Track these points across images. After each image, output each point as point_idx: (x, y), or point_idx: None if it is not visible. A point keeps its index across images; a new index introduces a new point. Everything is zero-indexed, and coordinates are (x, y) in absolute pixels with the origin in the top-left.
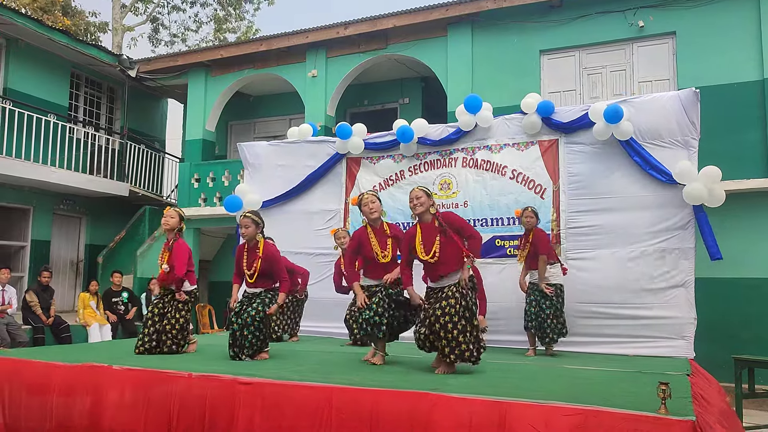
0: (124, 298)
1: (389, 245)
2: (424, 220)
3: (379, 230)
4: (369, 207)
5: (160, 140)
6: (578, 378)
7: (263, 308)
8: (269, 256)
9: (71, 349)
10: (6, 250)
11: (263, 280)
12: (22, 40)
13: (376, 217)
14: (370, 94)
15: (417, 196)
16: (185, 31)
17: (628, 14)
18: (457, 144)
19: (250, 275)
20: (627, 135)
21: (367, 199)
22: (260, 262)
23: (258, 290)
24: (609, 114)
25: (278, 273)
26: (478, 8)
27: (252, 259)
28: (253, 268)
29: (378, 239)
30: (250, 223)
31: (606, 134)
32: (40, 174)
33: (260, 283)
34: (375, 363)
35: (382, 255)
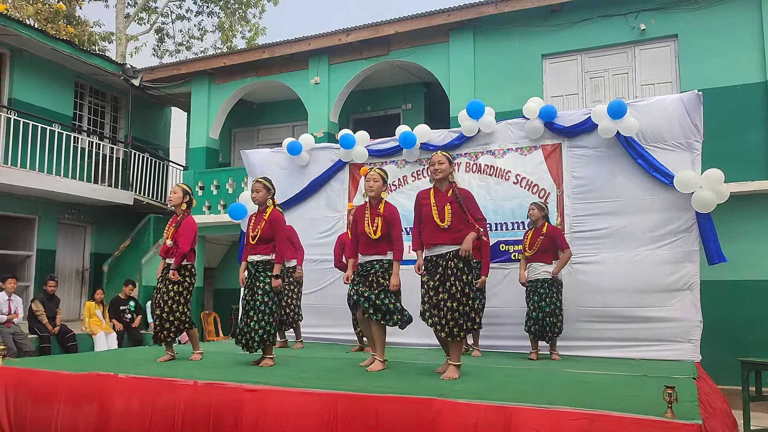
0: (131, 307)
1: (378, 222)
2: (440, 186)
3: (374, 208)
4: (369, 184)
5: (164, 148)
6: (583, 382)
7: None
8: (273, 220)
9: (77, 358)
10: (12, 260)
11: (263, 244)
12: (26, 51)
13: (372, 195)
14: (373, 100)
15: (439, 161)
16: (189, 39)
17: (629, 17)
18: (460, 149)
19: (252, 237)
20: (632, 130)
21: (369, 176)
22: (264, 224)
23: (257, 257)
24: (612, 110)
25: (278, 241)
26: (479, 13)
27: (258, 222)
28: (257, 230)
29: (371, 216)
30: (261, 187)
31: (611, 131)
32: (45, 183)
33: (260, 248)
34: (374, 369)
35: (372, 231)
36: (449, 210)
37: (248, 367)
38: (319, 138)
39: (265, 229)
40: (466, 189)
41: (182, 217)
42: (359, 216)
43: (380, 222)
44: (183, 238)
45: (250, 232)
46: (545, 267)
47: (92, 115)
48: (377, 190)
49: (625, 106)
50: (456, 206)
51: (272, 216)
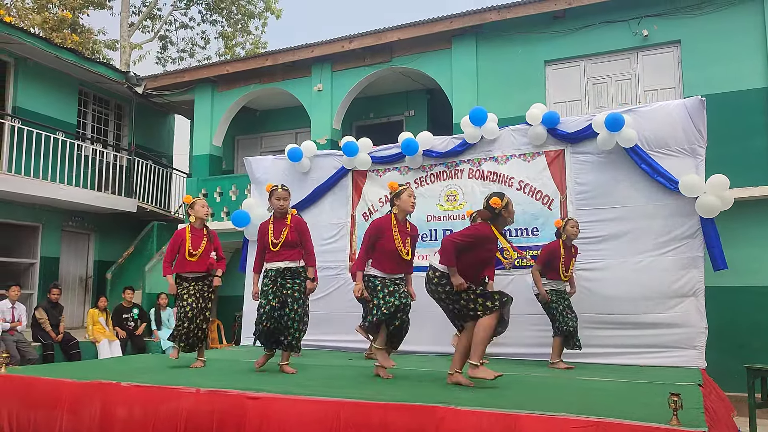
0: (134, 314)
1: (408, 243)
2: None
3: (402, 225)
4: (412, 200)
5: (167, 156)
6: (588, 389)
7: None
8: (299, 225)
9: (80, 366)
10: (16, 268)
11: (289, 250)
12: (30, 59)
13: (410, 212)
14: (376, 106)
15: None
16: (193, 47)
17: (632, 23)
18: (463, 155)
19: (275, 243)
20: (631, 142)
21: (411, 192)
22: (288, 230)
23: (283, 264)
24: (609, 122)
25: (307, 244)
26: (481, 20)
27: (280, 229)
28: (281, 236)
29: (401, 235)
30: (287, 195)
31: (610, 143)
32: (49, 191)
33: (285, 254)
34: (380, 375)
35: (404, 251)
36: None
37: (251, 375)
38: (322, 145)
39: (292, 234)
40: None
41: (208, 230)
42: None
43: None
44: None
45: (272, 239)
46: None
47: (96, 123)
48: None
49: (622, 119)
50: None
51: (296, 221)
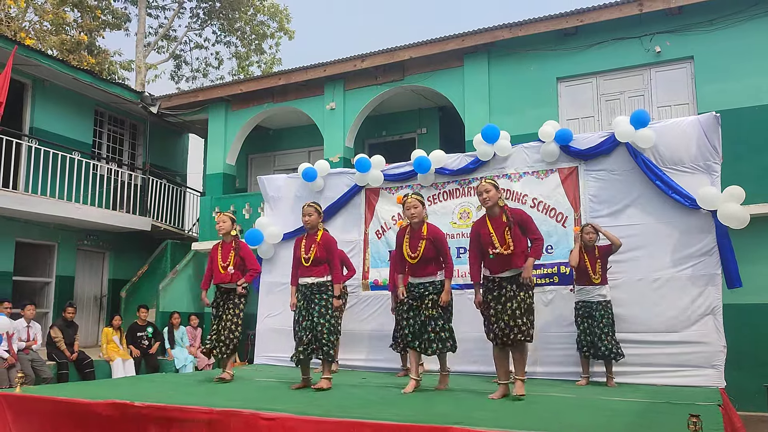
0: (149, 333)
1: (420, 246)
2: (492, 213)
3: (417, 232)
4: (411, 212)
5: (181, 175)
6: (605, 409)
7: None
8: (328, 242)
9: (95, 385)
10: (31, 286)
11: (317, 266)
12: (47, 81)
13: (416, 222)
14: (388, 124)
15: (486, 190)
16: (207, 67)
17: (644, 40)
18: (476, 173)
19: (306, 259)
20: (649, 142)
21: (409, 203)
22: (317, 247)
23: (311, 280)
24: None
25: (334, 261)
26: (493, 38)
27: (310, 245)
28: (310, 252)
29: (410, 240)
30: (313, 211)
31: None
32: (65, 210)
33: (314, 270)
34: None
35: (410, 255)
36: (510, 236)
37: (264, 394)
38: (335, 163)
39: (320, 251)
40: (517, 208)
41: (236, 242)
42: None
43: (424, 245)
44: (253, 259)
45: (303, 254)
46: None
47: (111, 143)
48: (420, 216)
49: (648, 116)
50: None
51: (325, 238)
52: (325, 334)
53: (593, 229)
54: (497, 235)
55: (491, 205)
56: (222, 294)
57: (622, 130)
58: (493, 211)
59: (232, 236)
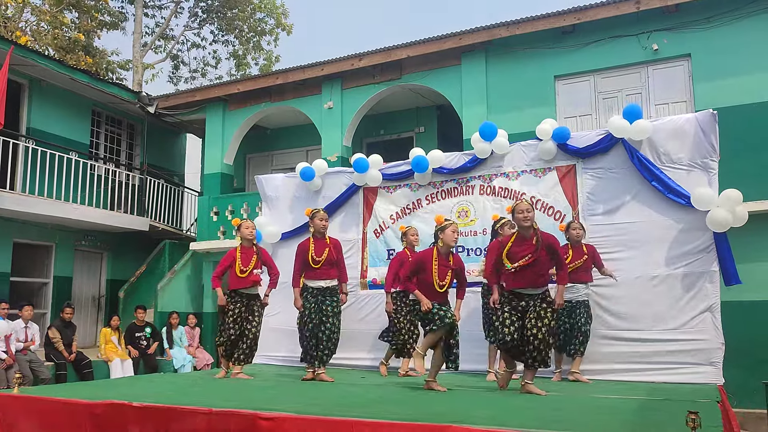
0: (147, 333)
1: (448, 276)
2: (523, 232)
3: (445, 260)
4: (455, 236)
5: (179, 175)
6: (604, 407)
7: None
8: (337, 246)
9: (93, 386)
10: (29, 287)
11: (328, 268)
12: (44, 81)
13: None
14: (386, 123)
15: (527, 210)
16: (204, 67)
17: (641, 38)
18: (474, 171)
19: (318, 261)
20: (645, 134)
21: (455, 227)
22: (329, 249)
23: (324, 283)
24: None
25: (342, 264)
26: (491, 36)
27: (322, 248)
28: (323, 255)
29: (439, 267)
30: (327, 217)
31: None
32: (62, 211)
33: (324, 272)
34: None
35: (439, 285)
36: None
37: (263, 393)
38: (333, 162)
39: (331, 253)
40: (550, 235)
41: (257, 247)
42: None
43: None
44: (274, 264)
45: (315, 257)
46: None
47: (108, 143)
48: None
49: (640, 110)
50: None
51: (334, 241)
52: (335, 333)
53: (579, 225)
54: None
55: (528, 225)
56: (242, 299)
57: (617, 126)
58: (525, 232)
59: (253, 243)
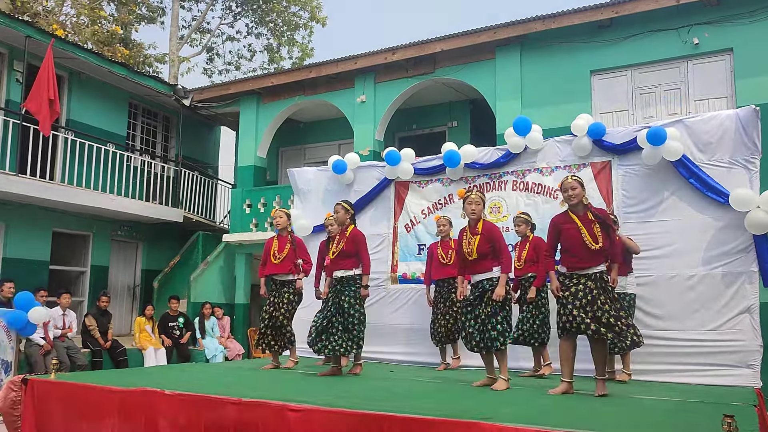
0: (180, 323)
1: (474, 242)
2: (576, 210)
3: (473, 228)
4: (471, 207)
5: (213, 167)
6: (637, 407)
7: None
8: (355, 237)
9: (127, 373)
10: (67, 275)
11: (344, 259)
12: (83, 73)
13: (474, 218)
14: (419, 117)
15: (572, 187)
16: (239, 60)
17: (681, 32)
18: (507, 167)
19: (334, 252)
20: (677, 155)
21: (471, 199)
22: (345, 241)
23: (339, 273)
24: (651, 137)
25: (363, 255)
26: (526, 30)
27: (340, 239)
28: (339, 246)
29: (468, 236)
30: (340, 209)
31: (656, 157)
32: (100, 201)
33: (340, 263)
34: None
35: (467, 251)
36: (599, 231)
37: (293, 384)
38: (365, 156)
39: (348, 245)
40: (600, 208)
41: (292, 236)
42: (460, 236)
43: (478, 240)
44: (307, 253)
45: (332, 248)
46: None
47: (144, 135)
48: (478, 213)
49: (663, 133)
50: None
51: (354, 233)
52: (356, 324)
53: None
54: (587, 230)
55: (576, 202)
56: (276, 285)
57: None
58: (577, 208)
59: (287, 231)
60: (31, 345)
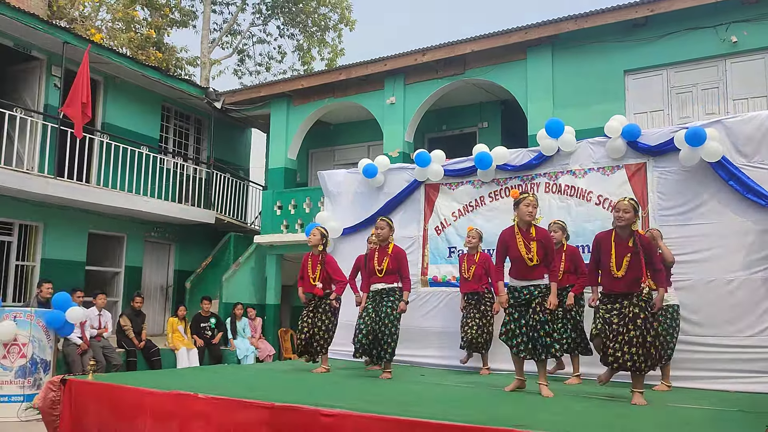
0: (211, 324)
1: (533, 247)
2: (621, 233)
3: (527, 233)
4: (529, 210)
5: (244, 169)
6: (673, 416)
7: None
8: (397, 255)
9: (162, 375)
10: (103, 276)
11: (390, 275)
12: (118, 77)
13: (529, 221)
14: (449, 118)
15: (625, 210)
16: (269, 61)
17: (719, 29)
18: (539, 169)
19: (379, 270)
20: (716, 156)
21: (529, 201)
22: (389, 259)
23: (382, 285)
24: (689, 137)
25: (404, 271)
26: (557, 30)
27: (382, 257)
28: (383, 264)
29: (524, 241)
30: (385, 225)
31: (694, 159)
32: (134, 203)
33: (385, 278)
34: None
35: (527, 257)
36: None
37: (324, 389)
38: (394, 158)
39: (392, 263)
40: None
41: (323, 255)
42: (509, 241)
43: (536, 246)
44: (339, 272)
45: (376, 266)
46: None
47: (177, 137)
48: (533, 217)
49: (703, 133)
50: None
51: (396, 251)
52: (387, 335)
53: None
54: (616, 257)
55: (624, 225)
56: (314, 298)
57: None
58: (623, 231)
59: (319, 250)
60: (68, 344)
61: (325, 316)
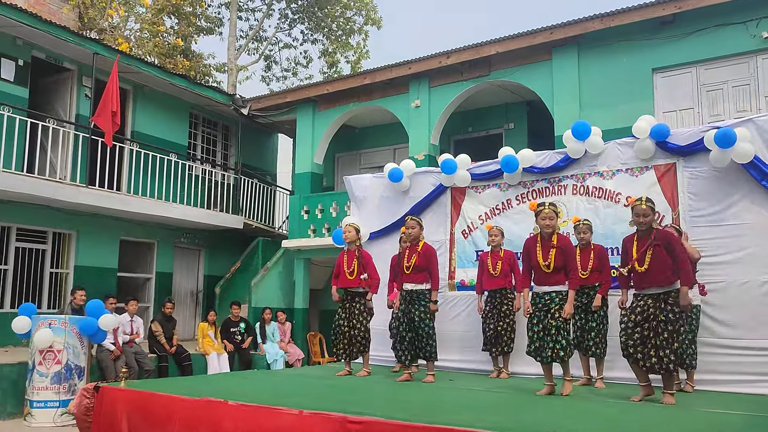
0: (241, 328)
1: (551, 255)
2: (642, 236)
3: (547, 241)
4: (545, 222)
5: (271, 174)
6: (704, 421)
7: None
8: (428, 252)
9: (191, 381)
10: (134, 282)
11: (417, 273)
12: (146, 86)
13: (549, 232)
14: (474, 120)
15: (644, 214)
16: (296, 66)
17: (749, 25)
18: (566, 171)
19: (407, 267)
20: (747, 157)
21: (545, 214)
22: (417, 256)
23: (411, 286)
24: (719, 138)
25: (433, 268)
26: (583, 29)
27: (411, 254)
28: (411, 261)
29: (542, 249)
30: (416, 224)
31: (725, 160)
32: (164, 210)
33: (413, 277)
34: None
35: (544, 264)
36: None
37: (352, 395)
38: (420, 161)
39: (420, 260)
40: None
41: (359, 251)
42: (531, 249)
43: (555, 254)
44: (373, 268)
45: (405, 263)
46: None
47: (205, 144)
48: (553, 227)
49: (733, 134)
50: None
51: (426, 249)
52: (425, 338)
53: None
54: (638, 252)
55: (644, 228)
56: (349, 296)
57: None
58: (643, 234)
59: (356, 245)
60: (102, 350)
61: (362, 317)
